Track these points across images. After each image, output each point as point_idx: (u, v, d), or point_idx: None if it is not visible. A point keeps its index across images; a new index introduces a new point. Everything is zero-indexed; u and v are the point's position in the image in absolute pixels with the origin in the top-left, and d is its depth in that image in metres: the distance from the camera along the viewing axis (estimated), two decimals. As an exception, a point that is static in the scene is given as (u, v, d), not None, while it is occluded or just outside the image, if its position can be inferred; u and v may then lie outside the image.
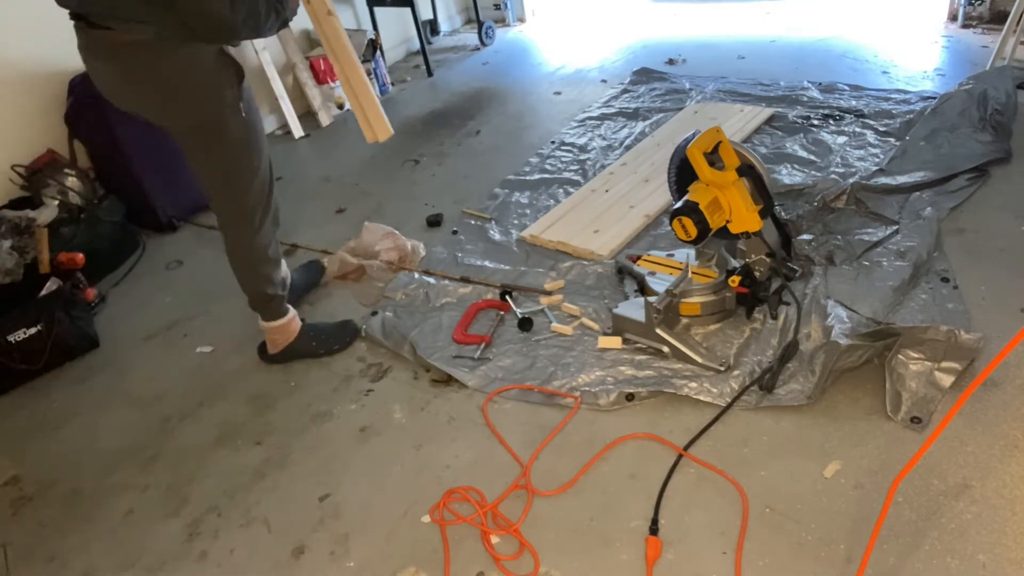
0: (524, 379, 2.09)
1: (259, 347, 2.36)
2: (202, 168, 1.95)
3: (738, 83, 3.93)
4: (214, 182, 1.98)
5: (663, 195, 2.81)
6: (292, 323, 2.29)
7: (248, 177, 1.97)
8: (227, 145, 1.89)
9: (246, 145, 1.92)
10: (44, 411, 2.33)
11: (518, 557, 1.61)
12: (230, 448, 2.05)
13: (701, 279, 2.16)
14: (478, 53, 5.24)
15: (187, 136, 1.89)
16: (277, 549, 1.73)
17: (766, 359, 2.00)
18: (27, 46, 3.04)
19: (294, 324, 2.29)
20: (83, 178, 3.08)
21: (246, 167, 1.95)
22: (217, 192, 2.00)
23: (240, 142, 1.91)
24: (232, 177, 1.96)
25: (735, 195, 2.01)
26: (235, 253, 2.13)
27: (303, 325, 2.33)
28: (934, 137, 2.89)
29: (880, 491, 1.61)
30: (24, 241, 2.74)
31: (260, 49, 3.99)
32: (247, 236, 2.07)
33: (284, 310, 2.26)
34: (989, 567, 1.43)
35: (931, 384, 1.81)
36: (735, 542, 1.56)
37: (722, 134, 2.06)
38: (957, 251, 2.32)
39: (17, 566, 1.81)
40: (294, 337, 2.29)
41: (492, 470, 1.83)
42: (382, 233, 2.80)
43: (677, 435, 1.84)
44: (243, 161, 1.94)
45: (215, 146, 1.89)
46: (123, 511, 1.91)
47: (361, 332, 2.37)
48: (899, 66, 3.88)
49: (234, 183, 1.97)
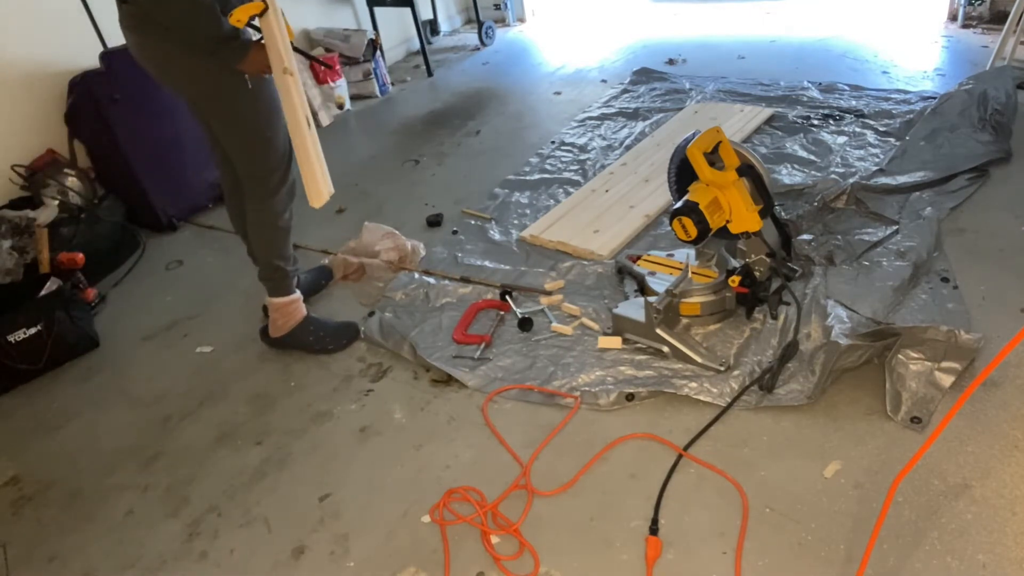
0: (524, 379, 2.09)
1: (261, 330, 2.41)
2: (218, 134, 2.05)
3: (738, 83, 3.93)
4: (230, 147, 2.07)
5: (663, 195, 2.81)
6: (296, 306, 2.33)
7: (262, 145, 2.05)
8: (234, 114, 1.98)
9: (255, 115, 2.00)
10: (44, 411, 2.33)
11: (518, 557, 1.61)
12: (230, 448, 2.05)
13: (701, 279, 2.16)
14: (478, 53, 5.24)
15: (197, 104, 2.01)
16: (277, 549, 1.73)
17: (766, 359, 2.00)
18: (27, 46, 3.05)
19: (298, 309, 2.34)
20: (83, 178, 3.08)
21: (258, 135, 2.03)
22: (235, 156, 2.09)
23: (249, 111, 1.98)
24: (247, 144, 2.05)
25: (735, 195, 2.01)
26: (252, 217, 2.21)
27: (307, 316, 2.36)
28: (934, 137, 2.90)
29: (880, 491, 1.61)
30: (24, 241, 2.75)
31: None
32: (261, 197, 2.15)
33: (290, 288, 2.31)
34: (989, 567, 1.43)
35: (931, 384, 1.81)
36: (735, 542, 1.56)
37: (722, 134, 2.06)
38: (957, 251, 2.32)
39: (17, 566, 1.81)
40: (296, 323, 2.33)
41: (492, 470, 1.83)
42: (382, 233, 2.80)
43: (677, 435, 1.84)
44: (253, 129, 2.02)
45: (224, 114, 1.99)
46: (123, 511, 1.91)
47: (361, 335, 2.38)
48: (899, 66, 3.88)
49: (249, 150, 2.06)
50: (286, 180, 2.17)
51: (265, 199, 2.15)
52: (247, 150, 2.06)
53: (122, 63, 3.10)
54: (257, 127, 2.02)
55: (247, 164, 2.09)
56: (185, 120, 3.38)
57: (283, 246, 2.26)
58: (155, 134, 3.24)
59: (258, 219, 2.21)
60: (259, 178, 2.11)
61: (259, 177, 2.11)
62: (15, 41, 3.01)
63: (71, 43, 3.14)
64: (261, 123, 2.01)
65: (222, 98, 1.94)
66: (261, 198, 2.15)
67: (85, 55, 3.08)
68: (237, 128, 2.01)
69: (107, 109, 3.04)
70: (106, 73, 3.04)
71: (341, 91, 4.41)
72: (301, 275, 2.52)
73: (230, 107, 1.96)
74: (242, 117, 1.99)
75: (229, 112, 1.97)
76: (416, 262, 2.73)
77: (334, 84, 4.35)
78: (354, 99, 4.57)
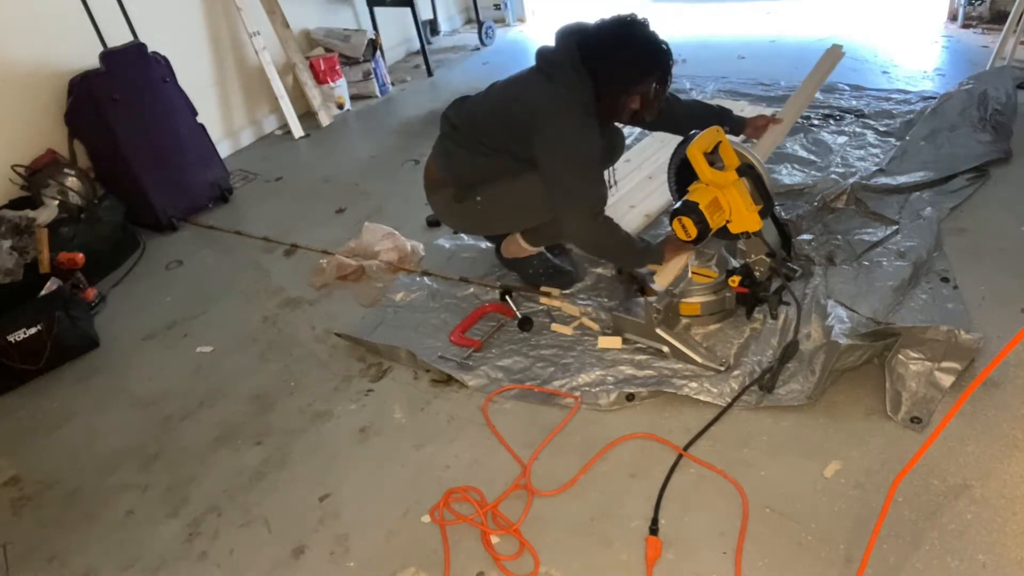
0: (524, 379, 2.09)
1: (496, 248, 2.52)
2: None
3: (738, 83, 3.92)
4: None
5: (663, 195, 2.80)
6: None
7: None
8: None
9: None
10: (44, 411, 2.33)
11: (518, 557, 1.61)
12: (230, 448, 2.05)
13: (701, 279, 2.16)
14: (478, 53, 5.24)
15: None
16: (277, 549, 1.73)
17: (766, 359, 2.00)
18: (27, 46, 3.04)
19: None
20: (83, 178, 3.08)
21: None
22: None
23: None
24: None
25: (735, 195, 2.01)
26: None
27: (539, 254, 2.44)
28: (934, 137, 2.89)
29: (880, 491, 1.61)
30: (24, 241, 2.74)
31: (260, 49, 3.99)
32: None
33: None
34: (989, 567, 1.43)
35: (931, 384, 1.81)
36: (735, 542, 1.56)
37: (722, 134, 2.06)
38: (957, 251, 2.32)
39: (17, 566, 1.81)
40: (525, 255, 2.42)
41: (492, 470, 1.83)
42: (382, 233, 2.80)
43: (677, 435, 1.84)
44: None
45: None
46: (123, 511, 1.91)
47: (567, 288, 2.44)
48: (899, 66, 3.88)
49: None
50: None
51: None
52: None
53: (122, 63, 3.10)
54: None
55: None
56: (185, 120, 3.39)
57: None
58: (155, 134, 3.24)
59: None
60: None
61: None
62: (15, 41, 3.01)
63: (71, 43, 3.14)
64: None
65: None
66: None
67: (85, 55, 3.08)
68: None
69: (107, 109, 3.04)
70: (106, 73, 3.04)
71: (341, 91, 4.41)
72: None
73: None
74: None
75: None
76: (416, 263, 2.72)
77: (334, 84, 4.35)
78: (354, 99, 4.57)
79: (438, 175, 2.30)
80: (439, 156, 2.30)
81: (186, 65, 3.49)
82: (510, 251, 2.43)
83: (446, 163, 2.27)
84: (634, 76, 2.02)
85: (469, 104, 2.25)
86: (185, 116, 3.39)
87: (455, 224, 2.57)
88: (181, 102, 3.37)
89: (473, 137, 2.18)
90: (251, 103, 4.17)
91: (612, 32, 2.00)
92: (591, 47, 1.98)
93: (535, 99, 2.03)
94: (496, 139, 2.13)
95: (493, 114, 2.15)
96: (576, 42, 2.00)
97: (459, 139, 2.22)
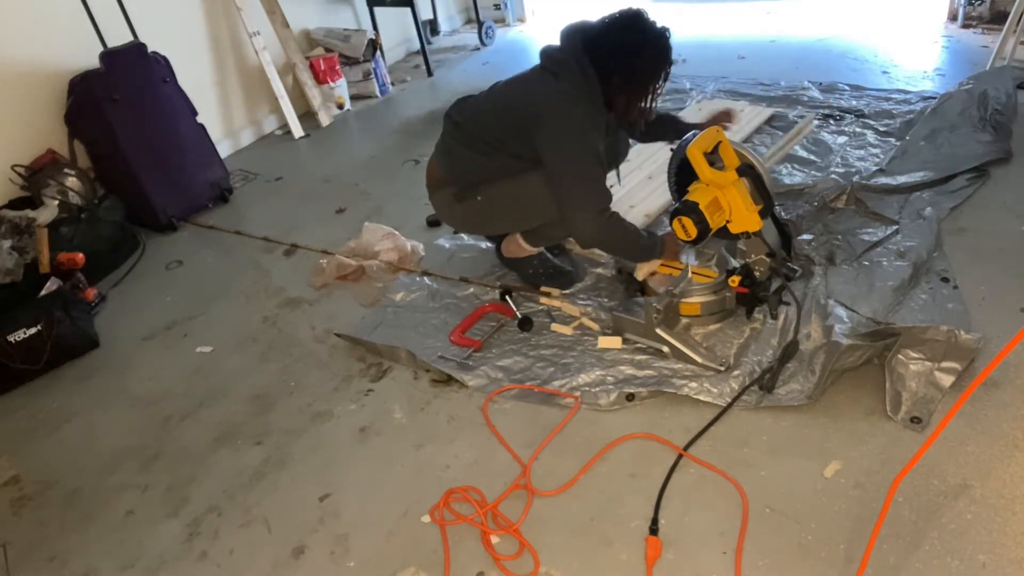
0: (524, 379, 2.09)
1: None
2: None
3: (738, 83, 3.92)
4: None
5: (663, 195, 2.80)
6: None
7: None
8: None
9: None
10: (44, 411, 2.33)
11: (518, 557, 1.61)
12: (230, 448, 2.05)
13: (701, 279, 2.16)
14: (478, 53, 5.24)
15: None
16: (277, 549, 1.73)
17: (766, 359, 2.00)
18: (27, 46, 3.04)
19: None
20: (83, 178, 3.08)
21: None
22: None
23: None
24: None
25: (735, 195, 2.01)
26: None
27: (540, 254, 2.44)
28: (934, 137, 2.89)
29: (880, 491, 1.60)
30: (24, 241, 2.75)
31: (260, 49, 3.99)
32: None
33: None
34: (989, 567, 1.43)
35: (931, 384, 1.81)
36: (735, 542, 1.56)
37: (722, 134, 2.06)
38: (957, 251, 2.32)
39: (17, 566, 1.81)
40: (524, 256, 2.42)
41: (492, 470, 1.83)
42: (382, 233, 2.80)
43: (677, 435, 1.84)
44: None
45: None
46: (123, 511, 1.91)
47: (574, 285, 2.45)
48: (899, 66, 3.88)
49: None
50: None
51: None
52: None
53: (122, 63, 3.10)
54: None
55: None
56: (185, 120, 3.39)
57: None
58: (155, 134, 3.24)
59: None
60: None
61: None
62: (15, 41, 3.01)
63: (71, 43, 3.14)
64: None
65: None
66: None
67: (85, 55, 3.08)
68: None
69: (107, 109, 3.04)
70: (106, 73, 3.04)
71: (341, 91, 4.41)
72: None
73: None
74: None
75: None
76: (416, 262, 2.72)
77: (334, 84, 4.35)
78: (354, 99, 4.57)
79: (440, 174, 2.30)
80: (441, 155, 2.30)
81: (186, 65, 3.49)
82: (510, 251, 2.43)
83: (448, 162, 2.27)
84: (648, 73, 2.02)
85: (472, 103, 2.25)
86: (185, 116, 3.40)
87: (456, 223, 2.56)
88: (181, 102, 3.37)
89: (475, 135, 2.18)
90: (251, 103, 4.18)
91: (623, 30, 1.99)
92: (600, 45, 1.98)
93: (542, 96, 2.03)
94: (498, 137, 2.12)
95: (496, 112, 2.15)
96: (582, 41, 2.00)
97: (461, 137, 2.22)
